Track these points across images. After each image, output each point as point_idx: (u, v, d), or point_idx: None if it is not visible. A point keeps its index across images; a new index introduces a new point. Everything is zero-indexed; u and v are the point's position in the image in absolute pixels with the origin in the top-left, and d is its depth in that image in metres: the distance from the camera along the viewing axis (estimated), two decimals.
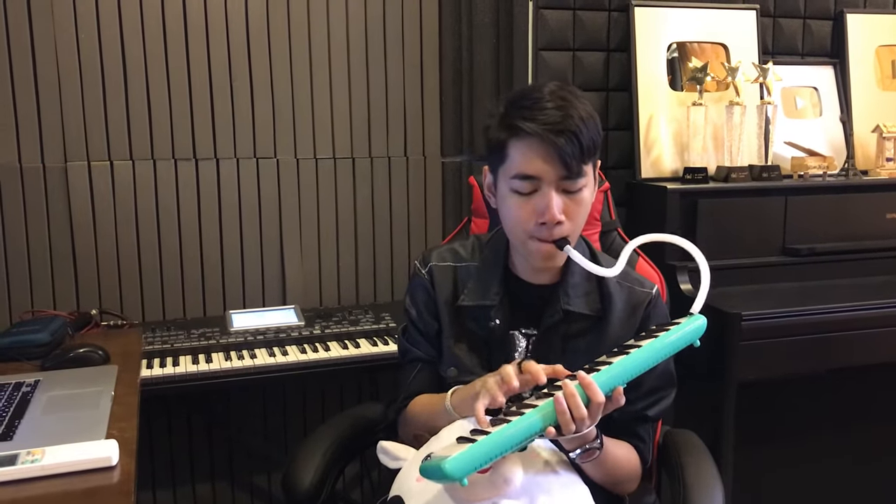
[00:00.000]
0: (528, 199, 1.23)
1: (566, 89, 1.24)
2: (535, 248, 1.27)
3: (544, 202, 1.21)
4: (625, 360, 1.13)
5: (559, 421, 1.07)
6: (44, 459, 1.09)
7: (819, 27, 2.60)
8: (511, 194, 1.25)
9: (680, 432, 1.54)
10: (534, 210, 1.23)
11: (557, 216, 1.21)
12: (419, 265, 1.44)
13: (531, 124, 1.19)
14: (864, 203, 2.34)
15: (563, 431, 1.08)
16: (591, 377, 1.09)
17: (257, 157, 2.24)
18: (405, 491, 1.17)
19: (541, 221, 1.22)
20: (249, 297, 2.28)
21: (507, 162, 1.24)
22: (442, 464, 1.00)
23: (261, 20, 2.19)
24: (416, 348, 1.44)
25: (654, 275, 1.59)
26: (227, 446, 2.33)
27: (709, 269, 1.22)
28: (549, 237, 1.24)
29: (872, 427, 2.47)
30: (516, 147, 1.22)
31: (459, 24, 2.31)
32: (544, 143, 1.19)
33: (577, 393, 1.07)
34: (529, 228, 1.24)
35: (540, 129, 1.19)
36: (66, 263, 2.10)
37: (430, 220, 2.43)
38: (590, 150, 1.22)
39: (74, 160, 2.08)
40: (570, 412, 1.06)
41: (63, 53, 2.04)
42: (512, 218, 1.27)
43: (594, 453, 1.20)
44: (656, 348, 1.15)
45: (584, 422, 1.08)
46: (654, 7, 2.38)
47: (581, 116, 1.20)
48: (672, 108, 2.38)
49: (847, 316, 2.08)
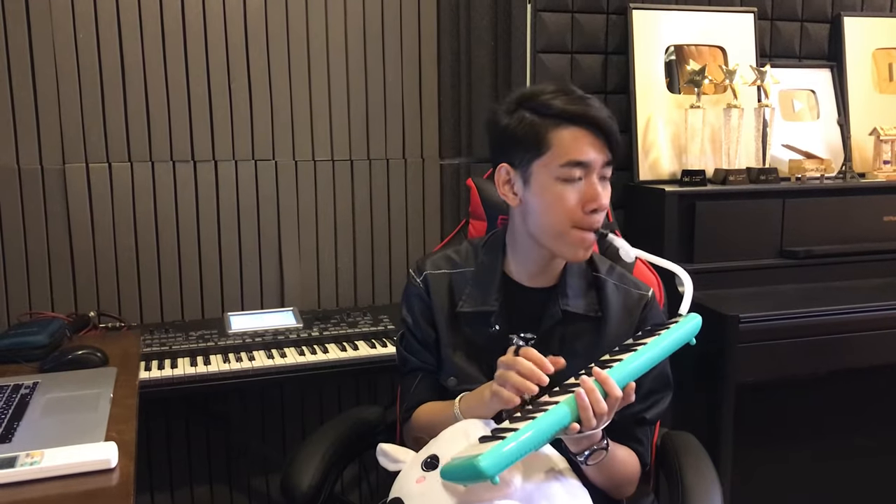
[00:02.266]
0: (575, 187, 1.23)
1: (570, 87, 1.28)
2: (577, 238, 1.25)
3: (594, 189, 1.23)
4: (635, 357, 1.14)
5: (581, 416, 1.07)
6: (42, 462, 1.09)
7: (816, 30, 2.61)
8: (557, 183, 1.23)
9: (678, 434, 1.54)
10: (581, 197, 1.23)
11: (605, 202, 1.24)
12: (413, 274, 1.44)
13: (573, 111, 1.22)
14: (861, 205, 2.35)
15: (584, 427, 1.08)
16: (606, 373, 1.10)
17: (255, 160, 2.24)
18: (405, 493, 1.16)
19: (591, 209, 1.23)
20: (247, 299, 2.28)
21: (552, 150, 1.23)
22: (476, 461, 0.98)
23: (259, 22, 2.19)
24: (415, 357, 1.43)
25: (652, 278, 1.59)
26: (226, 448, 2.33)
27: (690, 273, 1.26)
28: (593, 225, 1.25)
29: (871, 429, 2.47)
30: (564, 135, 1.22)
31: (458, 26, 2.31)
32: (593, 129, 1.22)
33: (596, 388, 1.08)
34: (577, 217, 1.24)
35: (590, 117, 1.21)
36: (64, 265, 2.10)
37: (428, 223, 2.43)
38: (619, 139, 1.27)
39: (73, 162, 2.08)
40: (592, 407, 1.07)
41: (61, 55, 2.04)
42: (558, 208, 1.24)
43: (601, 455, 1.20)
44: (661, 345, 1.17)
45: (604, 417, 1.09)
46: (651, 10, 2.38)
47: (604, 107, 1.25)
48: (670, 110, 2.39)
49: (845, 318, 2.09)
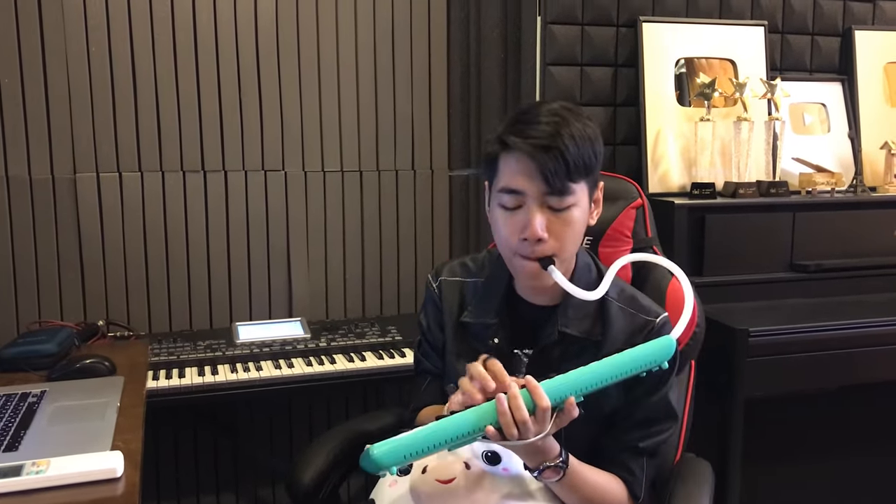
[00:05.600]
0: (514, 215, 1.22)
1: (567, 108, 1.23)
2: (519, 266, 1.25)
3: (526, 218, 1.20)
4: (579, 371, 1.11)
5: (500, 422, 1.05)
6: (49, 470, 1.09)
7: (827, 43, 2.60)
8: (498, 209, 1.24)
9: (688, 459, 1.51)
10: (517, 226, 1.22)
11: (539, 233, 1.19)
12: (431, 278, 1.46)
13: (518, 139, 1.19)
14: (872, 219, 2.33)
15: (506, 434, 1.06)
16: (540, 383, 1.08)
17: (265, 170, 2.25)
18: (379, 495, 1.22)
19: (523, 237, 1.21)
20: (256, 309, 2.29)
21: (497, 176, 1.24)
22: (370, 449, 1.00)
23: (270, 34, 2.20)
24: (427, 360, 1.47)
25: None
26: (233, 458, 2.33)
27: (696, 286, 1.26)
28: (531, 254, 1.22)
29: (882, 445, 2.45)
30: (505, 161, 1.22)
31: (468, 38, 2.32)
32: (529, 158, 1.18)
33: (520, 395, 1.06)
34: (513, 245, 1.23)
35: (525, 145, 1.18)
36: (73, 274, 2.11)
37: (436, 234, 2.43)
38: (577, 169, 1.19)
39: (84, 171, 2.09)
40: (512, 414, 1.05)
41: (74, 66, 2.05)
42: (498, 234, 1.27)
43: (558, 472, 1.16)
44: (615, 362, 1.13)
45: (527, 426, 1.06)
46: (662, 23, 2.38)
47: (572, 134, 1.18)
48: (680, 123, 2.38)
49: (855, 333, 2.07)
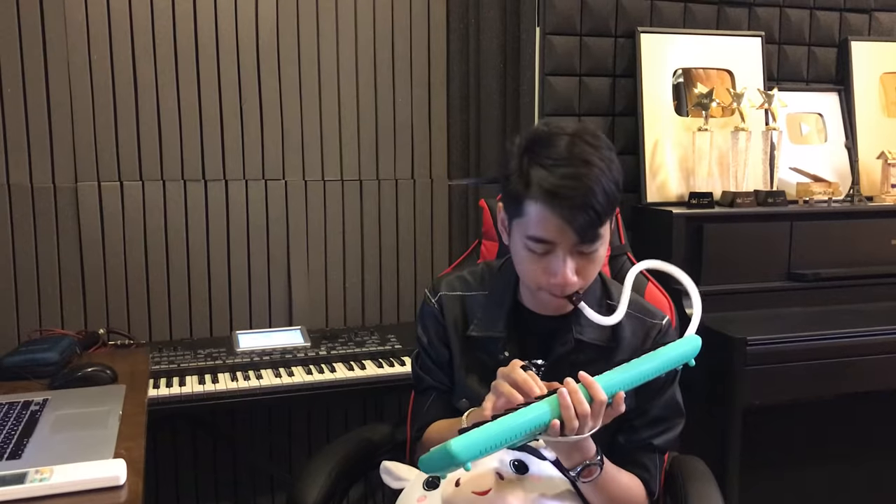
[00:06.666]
0: (542, 259, 1.21)
1: (590, 143, 1.17)
2: (546, 299, 1.27)
3: (557, 266, 1.19)
4: (624, 368, 1.15)
5: (563, 416, 1.06)
6: (52, 478, 1.10)
7: (824, 54, 2.62)
8: (524, 249, 1.22)
9: (685, 458, 1.53)
10: (546, 270, 1.21)
11: (570, 279, 1.19)
12: (429, 294, 1.44)
13: (548, 194, 1.14)
14: (869, 229, 2.35)
15: (567, 429, 1.07)
16: (591, 378, 1.10)
17: (266, 179, 2.26)
18: None
19: (553, 282, 1.21)
20: (256, 318, 2.29)
21: (524, 218, 1.19)
22: (448, 445, 0.98)
23: (271, 43, 2.21)
24: (429, 376, 1.44)
25: (664, 301, 1.58)
26: (233, 466, 2.33)
27: (699, 293, 1.27)
28: (560, 294, 1.23)
29: (878, 453, 2.46)
30: (533, 208, 1.17)
31: (467, 48, 2.34)
32: (560, 217, 1.14)
33: (579, 389, 1.08)
34: (541, 283, 1.23)
35: (558, 206, 1.14)
36: (74, 282, 2.11)
37: (436, 243, 2.44)
38: (608, 215, 1.17)
39: (85, 180, 2.10)
40: (574, 408, 1.07)
41: (75, 75, 2.06)
42: (523, 271, 1.26)
43: (594, 471, 1.18)
44: (653, 360, 1.18)
45: (587, 419, 1.08)
46: (660, 33, 2.40)
47: (605, 189, 1.14)
48: (678, 133, 2.40)
49: (852, 341, 2.08)
